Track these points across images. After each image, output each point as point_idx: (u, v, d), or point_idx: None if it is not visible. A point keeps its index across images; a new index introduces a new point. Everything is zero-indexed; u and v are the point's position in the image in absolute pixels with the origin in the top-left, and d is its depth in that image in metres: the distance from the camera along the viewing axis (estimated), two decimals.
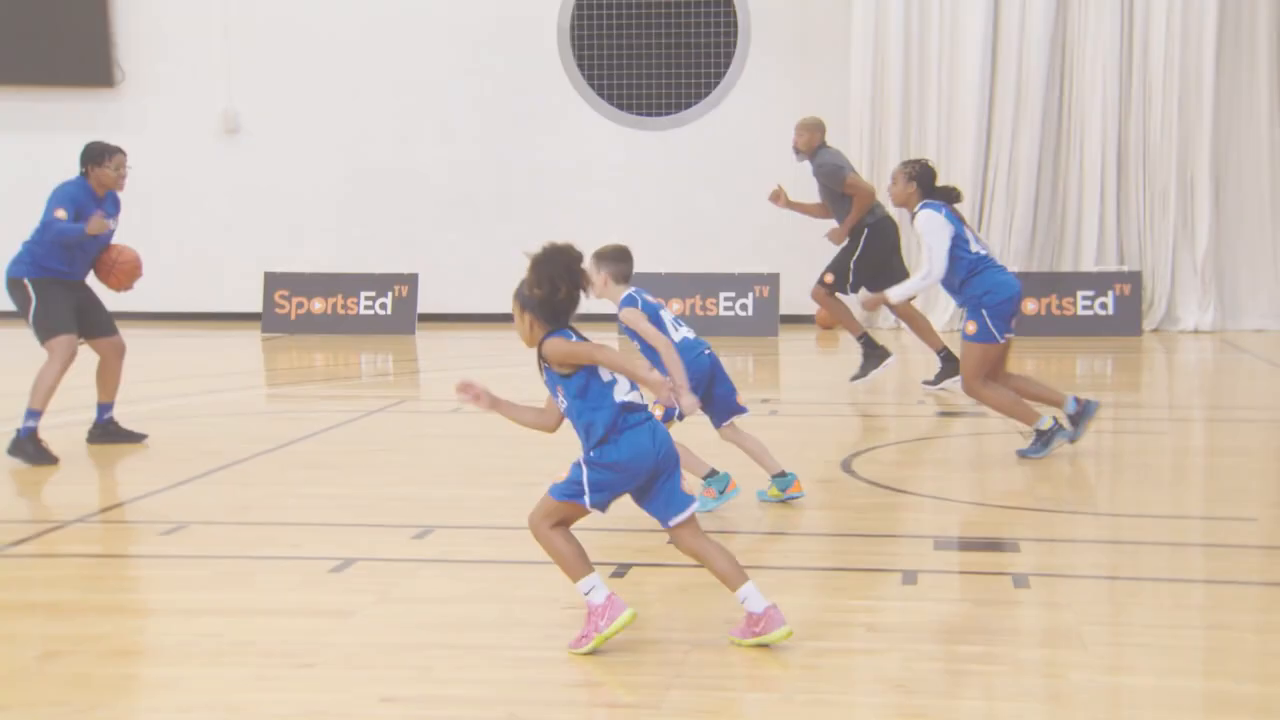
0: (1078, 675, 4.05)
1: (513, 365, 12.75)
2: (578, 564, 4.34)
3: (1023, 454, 7.46)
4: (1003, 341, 7.46)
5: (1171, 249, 15.18)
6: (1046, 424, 7.44)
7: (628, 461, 4.29)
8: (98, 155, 7.79)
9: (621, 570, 5.22)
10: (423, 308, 15.94)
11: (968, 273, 7.46)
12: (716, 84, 16.50)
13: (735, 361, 13.12)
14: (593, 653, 4.21)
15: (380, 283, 16.02)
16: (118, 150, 7.85)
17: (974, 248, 7.51)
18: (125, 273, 7.93)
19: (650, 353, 5.62)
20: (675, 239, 16.11)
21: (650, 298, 6.00)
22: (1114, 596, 4.97)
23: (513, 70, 16.63)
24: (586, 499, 4.32)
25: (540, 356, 4.34)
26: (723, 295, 15.30)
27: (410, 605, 4.80)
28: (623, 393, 4.33)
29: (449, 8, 16.67)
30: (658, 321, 5.85)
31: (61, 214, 7.59)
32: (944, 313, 15.53)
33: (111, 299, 8.27)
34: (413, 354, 14.01)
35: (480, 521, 6.08)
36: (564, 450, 7.50)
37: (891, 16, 15.37)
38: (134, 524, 6.23)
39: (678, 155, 16.43)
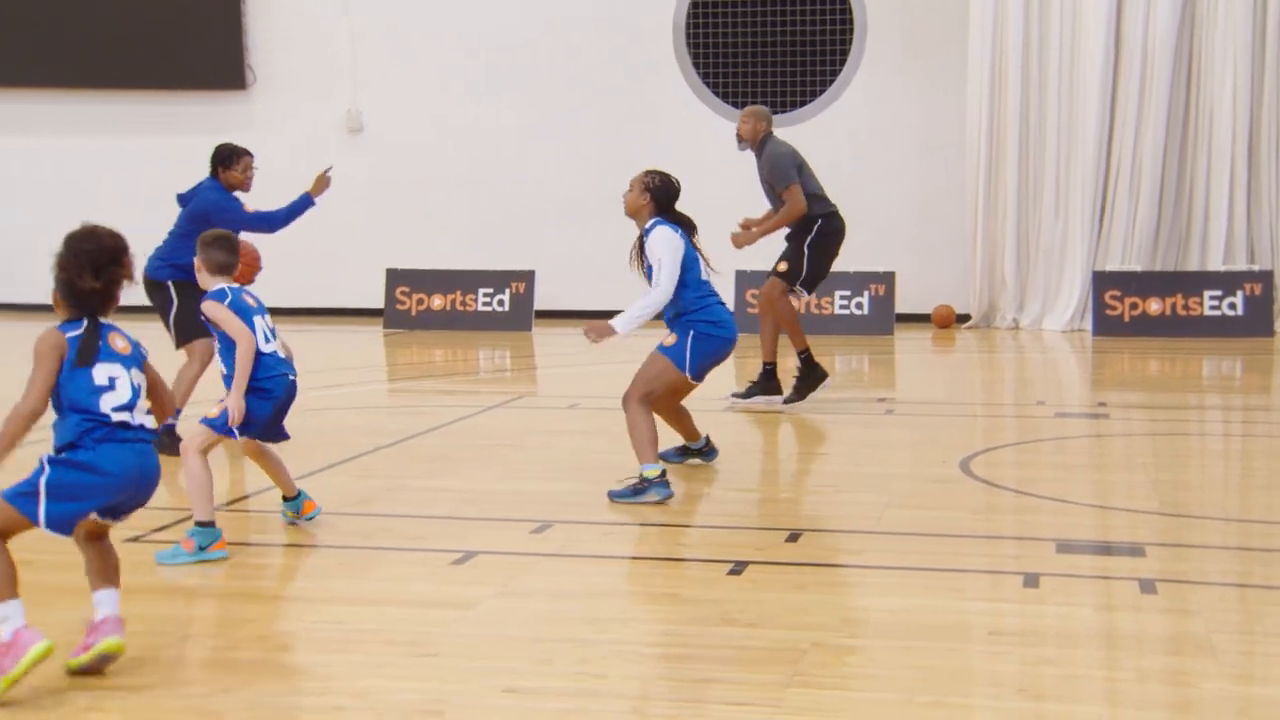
0: (1209, 685, 3.94)
1: (621, 362, 12.82)
2: (4, 586, 3.88)
3: (613, 496, 6.41)
4: (689, 376, 6.68)
5: None
6: (653, 473, 6.39)
7: (107, 472, 3.93)
8: (226, 157, 8.01)
9: (739, 568, 5.21)
10: (539, 304, 16.09)
11: (694, 298, 6.68)
12: (832, 80, 16.38)
13: (850, 361, 13.02)
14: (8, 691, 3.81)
15: (498, 279, 16.21)
16: (246, 152, 8.06)
17: (703, 275, 6.77)
18: (245, 266, 8.15)
19: (231, 349, 5.55)
20: None
21: (251, 300, 5.71)
22: (1245, 604, 4.83)
23: (629, 68, 16.71)
24: (40, 511, 3.87)
25: None
26: (838, 294, 15.19)
27: (530, 599, 4.85)
28: (112, 404, 3.97)
29: (565, 8, 16.80)
30: (248, 325, 5.60)
31: (249, 207, 7.96)
32: (1064, 310, 15.21)
33: None
34: (530, 350, 14.15)
35: (597, 517, 6.12)
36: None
37: (1011, 7, 15.07)
38: (263, 513, 6.38)
39: None
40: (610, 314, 6.66)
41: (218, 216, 7.86)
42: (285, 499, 5.95)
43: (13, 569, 3.91)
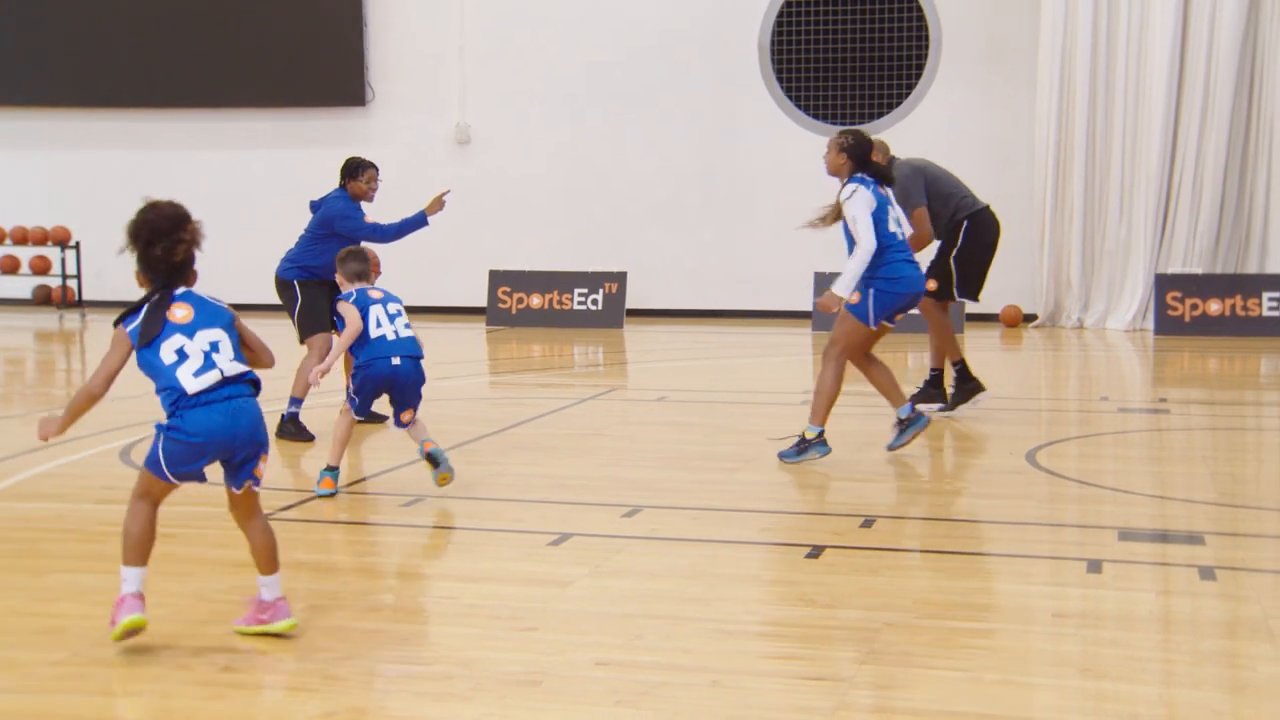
0: (1266, 668, 3.85)
1: (715, 359, 12.81)
2: (139, 550, 4.04)
3: (782, 456, 6.87)
4: (874, 328, 6.95)
5: None
6: (813, 434, 6.89)
7: (197, 437, 3.98)
8: (353, 170, 8.16)
9: (816, 551, 5.19)
10: (631, 303, 16.13)
11: (878, 255, 6.81)
12: (908, 93, 16.21)
13: (923, 358, 12.85)
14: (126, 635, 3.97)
15: (592, 280, 16.28)
16: (371, 165, 8.20)
17: (891, 228, 6.84)
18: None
19: (361, 343, 6.22)
20: None
21: (377, 294, 6.32)
22: None
23: (717, 83, 16.70)
24: (164, 469, 4.03)
25: None
26: None
27: (621, 578, 4.88)
28: (190, 371, 3.97)
29: (659, 28, 16.82)
30: (364, 314, 6.21)
31: (368, 219, 8.10)
32: (1127, 310, 14.93)
33: None
34: (621, 346, 14.19)
35: (685, 502, 6.13)
36: (765, 435, 7.49)
37: (1080, 24, 14.81)
38: (378, 495, 6.49)
39: None
40: (700, 312, 6.73)
41: (340, 223, 8.01)
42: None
43: (150, 541, 4.05)
